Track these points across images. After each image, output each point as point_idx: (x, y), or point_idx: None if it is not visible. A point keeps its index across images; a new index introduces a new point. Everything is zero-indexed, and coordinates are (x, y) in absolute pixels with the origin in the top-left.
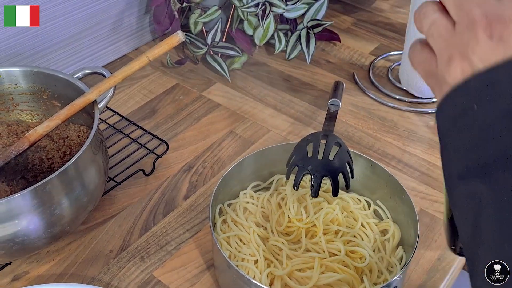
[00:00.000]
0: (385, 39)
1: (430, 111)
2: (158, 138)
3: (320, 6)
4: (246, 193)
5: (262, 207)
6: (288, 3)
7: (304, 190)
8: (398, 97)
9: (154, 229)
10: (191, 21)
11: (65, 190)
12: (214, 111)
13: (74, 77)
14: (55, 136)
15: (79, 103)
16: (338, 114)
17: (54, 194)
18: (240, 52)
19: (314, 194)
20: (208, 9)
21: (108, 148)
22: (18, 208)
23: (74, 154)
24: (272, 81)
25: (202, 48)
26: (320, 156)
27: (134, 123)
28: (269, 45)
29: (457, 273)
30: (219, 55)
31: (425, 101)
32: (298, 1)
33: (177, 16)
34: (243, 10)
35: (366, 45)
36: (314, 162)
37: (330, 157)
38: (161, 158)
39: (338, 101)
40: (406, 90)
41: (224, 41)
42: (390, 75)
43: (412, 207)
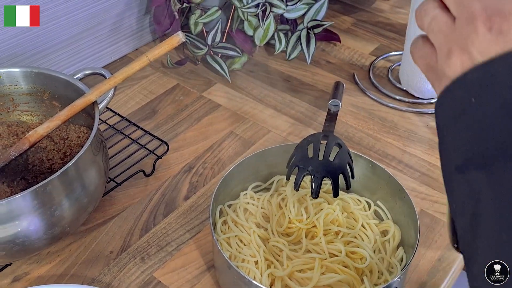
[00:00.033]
0: (385, 40)
1: (430, 112)
2: (158, 138)
3: (320, 6)
4: (246, 193)
5: (262, 208)
6: (288, 4)
7: (304, 191)
8: (398, 97)
9: (155, 229)
10: (191, 21)
11: (65, 191)
12: (214, 112)
13: (75, 77)
14: (56, 136)
15: (80, 104)
16: (338, 114)
17: (55, 195)
18: (240, 52)
19: (315, 195)
20: (208, 9)
21: (108, 148)
22: (19, 209)
23: (74, 154)
24: (272, 81)
25: (202, 48)
26: (320, 157)
27: (135, 124)
28: (269, 45)
29: (457, 273)
30: (219, 56)
31: (425, 101)
32: (298, 1)
33: (177, 16)
34: (243, 10)
35: (366, 45)
36: (315, 163)
37: (331, 157)
38: (161, 158)
39: (339, 101)
40: (406, 91)
41: (224, 41)
42: (390, 76)
43: (412, 208)
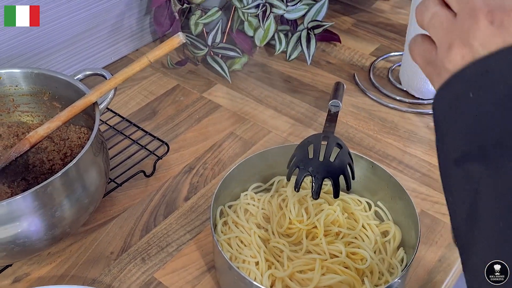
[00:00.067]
0: (385, 40)
1: (431, 112)
2: (158, 139)
3: (320, 7)
4: (247, 194)
5: (263, 209)
6: (288, 4)
7: (305, 192)
8: (398, 98)
9: (155, 230)
10: (192, 22)
11: (66, 192)
12: (214, 112)
13: (75, 78)
14: (56, 137)
15: (80, 105)
16: (338, 115)
17: (55, 196)
18: (240, 53)
19: (315, 196)
20: (208, 10)
21: (109, 149)
22: (19, 210)
23: (74, 155)
24: (272, 82)
25: (202, 49)
26: (321, 157)
27: (135, 125)
28: (269, 46)
29: (458, 274)
30: (220, 56)
31: (425, 102)
32: (298, 2)
33: (177, 17)
34: (244, 11)
35: (367, 46)
36: (315, 164)
37: (331, 158)
38: (161, 159)
39: (339, 102)
40: (406, 91)
41: (224, 42)
42: (390, 76)
43: (413, 209)
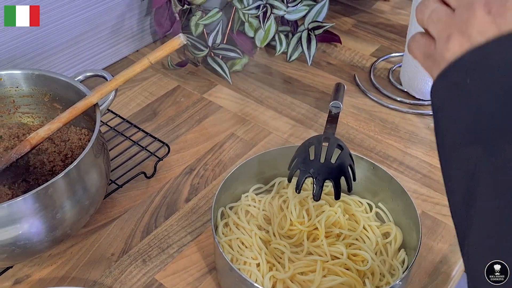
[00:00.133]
0: (386, 41)
1: (431, 113)
2: (159, 140)
3: (321, 8)
4: (247, 196)
5: (264, 210)
6: (289, 5)
7: (305, 193)
8: (399, 99)
9: (156, 232)
10: (192, 23)
11: (67, 194)
12: (215, 113)
13: (76, 79)
14: (57, 139)
15: (81, 106)
16: (339, 116)
17: (56, 198)
18: (241, 54)
19: (316, 198)
20: (209, 11)
21: (109, 150)
22: (20, 211)
23: (75, 157)
24: (273, 83)
25: (203, 50)
26: (322, 159)
27: (135, 126)
28: (270, 47)
29: (459, 275)
30: (220, 57)
31: (426, 103)
32: (299, 3)
33: (178, 18)
34: (244, 12)
35: (367, 46)
36: (316, 165)
37: (332, 160)
38: (162, 160)
39: (340, 103)
40: (407, 92)
41: (225, 43)
42: (391, 77)
43: (414, 210)
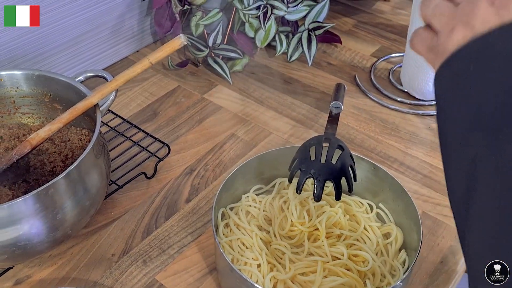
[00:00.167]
0: (386, 41)
1: (432, 113)
2: (159, 141)
3: (321, 8)
4: (248, 196)
5: (264, 211)
6: (289, 6)
7: (306, 194)
8: (399, 99)
9: (156, 232)
10: (192, 23)
11: (67, 194)
12: (215, 114)
13: (76, 80)
14: (57, 139)
15: (81, 107)
16: (340, 116)
17: (57, 198)
18: (241, 54)
19: (317, 199)
20: (209, 11)
21: (109, 151)
22: (20, 212)
23: (76, 157)
24: (273, 83)
25: (203, 50)
26: (323, 159)
27: (136, 126)
28: (270, 47)
29: (460, 276)
30: (221, 58)
31: (426, 103)
32: (299, 3)
33: (178, 18)
34: (245, 12)
35: (368, 47)
36: (317, 166)
37: (333, 160)
38: (162, 161)
39: (340, 103)
40: (407, 92)
41: (225, 43)
42: (391, 77)
43: (414, 210)
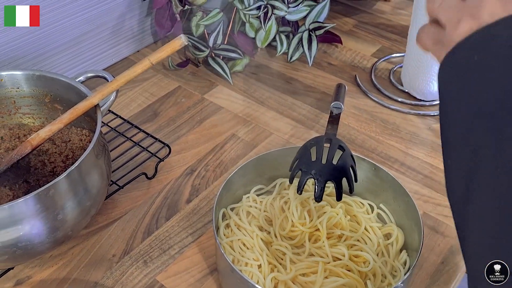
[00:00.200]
0: (387, 41)
1: (433, 114)
2: (160, 141)
3: (322, 8)
4: (249, 197)
5: (265, 211)
6: (290, 6)
7: (307, 194)
8: (400, 99)
9: (157, 233)
10: (193, 23)
11: (68, 195)
12: (216, 114)
13: (76, 80)
14: (57, 139)
15: (82, 107)
16: (340, 117)
17: (57, 199)
18: (242, 54)
19: (318, 199)
20: (209, 11)
21: (110, 151)
22: (21, 213)
23: (76, 157)
24: (274, 83)
25: (203, 50)
26: (323, 160)
27: (136, 126)
28: (271, 47)
29: (461, 277)
30: (221, 58)
31: (427, 103)
32: (300, 3)
33: (178, 18)
34: (245, 12)
35: (368, 47)
36: (318, 166)
37: (334, 161)
38: (163, 161)
39: (341, 103)
40: (408, 93)
41: (226, 43)
42: (392, 78)
43: (415, 211)
